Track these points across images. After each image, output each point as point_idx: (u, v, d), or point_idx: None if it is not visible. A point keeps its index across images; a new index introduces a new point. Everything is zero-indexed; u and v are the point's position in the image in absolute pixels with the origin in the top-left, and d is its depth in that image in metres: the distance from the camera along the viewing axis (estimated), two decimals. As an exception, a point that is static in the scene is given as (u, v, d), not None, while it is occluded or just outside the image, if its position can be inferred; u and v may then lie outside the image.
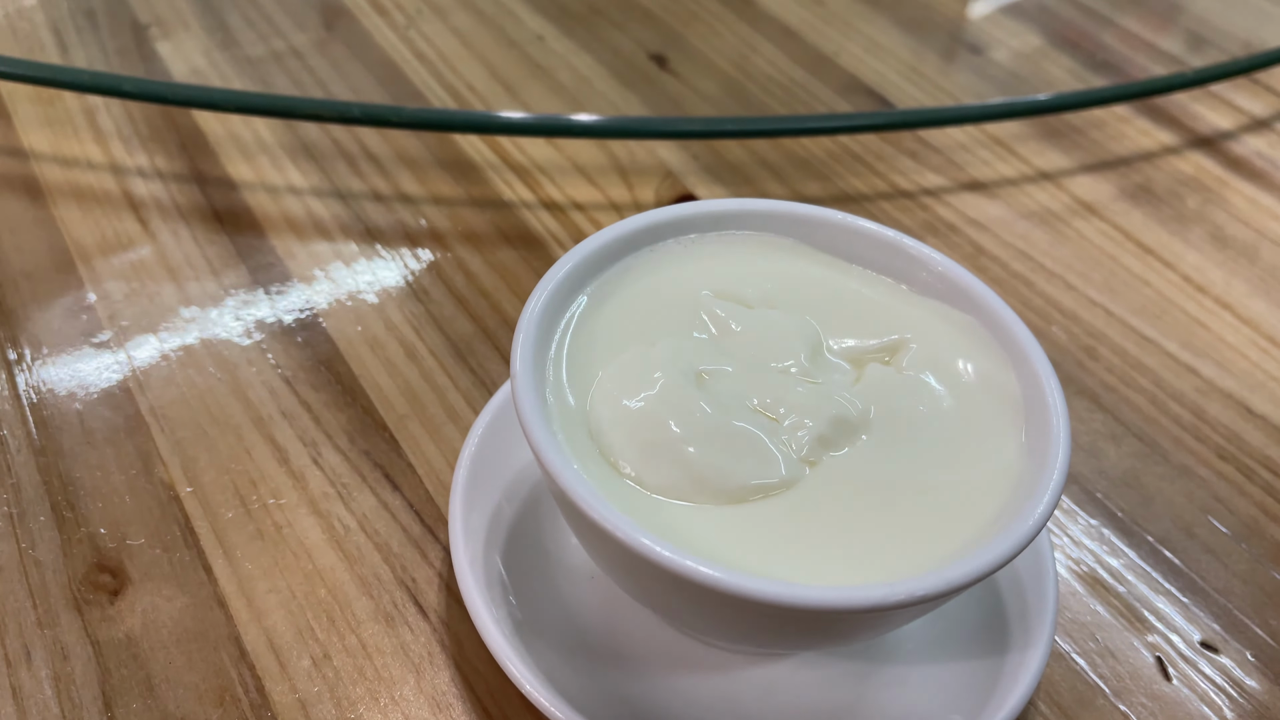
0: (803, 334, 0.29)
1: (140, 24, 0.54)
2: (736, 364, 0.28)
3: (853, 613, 0.23)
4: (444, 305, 0.41)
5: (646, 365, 0.28)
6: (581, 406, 0.27)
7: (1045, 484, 0.25)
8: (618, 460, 0.26)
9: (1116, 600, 0.33)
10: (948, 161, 0.50)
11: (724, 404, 0.27)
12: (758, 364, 0.28)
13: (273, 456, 0.35)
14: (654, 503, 0.26)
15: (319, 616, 0.31)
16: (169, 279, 0.41)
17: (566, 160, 0.48)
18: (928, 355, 0.29)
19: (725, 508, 0.26)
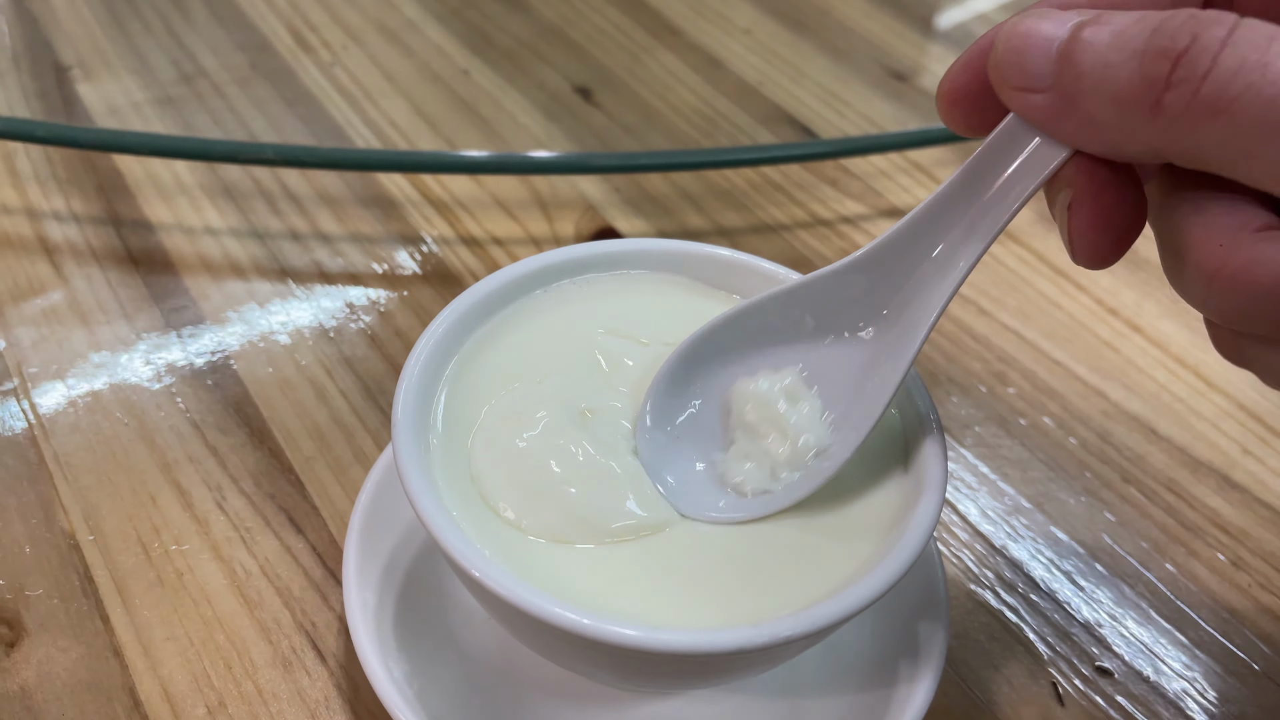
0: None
1: (62, 65, 0.54)
2: (626, 400, 0.29)
3: (719, 655, 0.23)
4: (356, 345, 0.41)
5: (529, 404, 0.28)
6: (464, 452, 0.27)
7: (916, 524, 0.25)
8: (498, 503, 0.26)
9: (1014, 627, 0.34)
10: (867, 189, 0.51)
11: (606, 443, 0.27)
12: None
13: (177, 502, 0.35)
14: (530, 545, 0.26)
15: (216, 663, 0.31)
16: (80, 324, 0.41)
17: (487, 195, 0.48)
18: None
19: (602, 549, 0.26)
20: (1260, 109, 0.18)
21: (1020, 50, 0.21)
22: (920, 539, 0.25)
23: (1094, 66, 0.20)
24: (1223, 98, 0.18)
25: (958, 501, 0.37)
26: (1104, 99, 0.20)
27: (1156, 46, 0.19)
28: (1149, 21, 0.20)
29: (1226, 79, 0.18)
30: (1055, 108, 0.21)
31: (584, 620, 0.23)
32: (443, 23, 0.59)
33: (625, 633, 0.23)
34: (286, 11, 0.59)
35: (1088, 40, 0.20)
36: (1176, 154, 0.20)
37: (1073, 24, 0.21)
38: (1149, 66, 0.19)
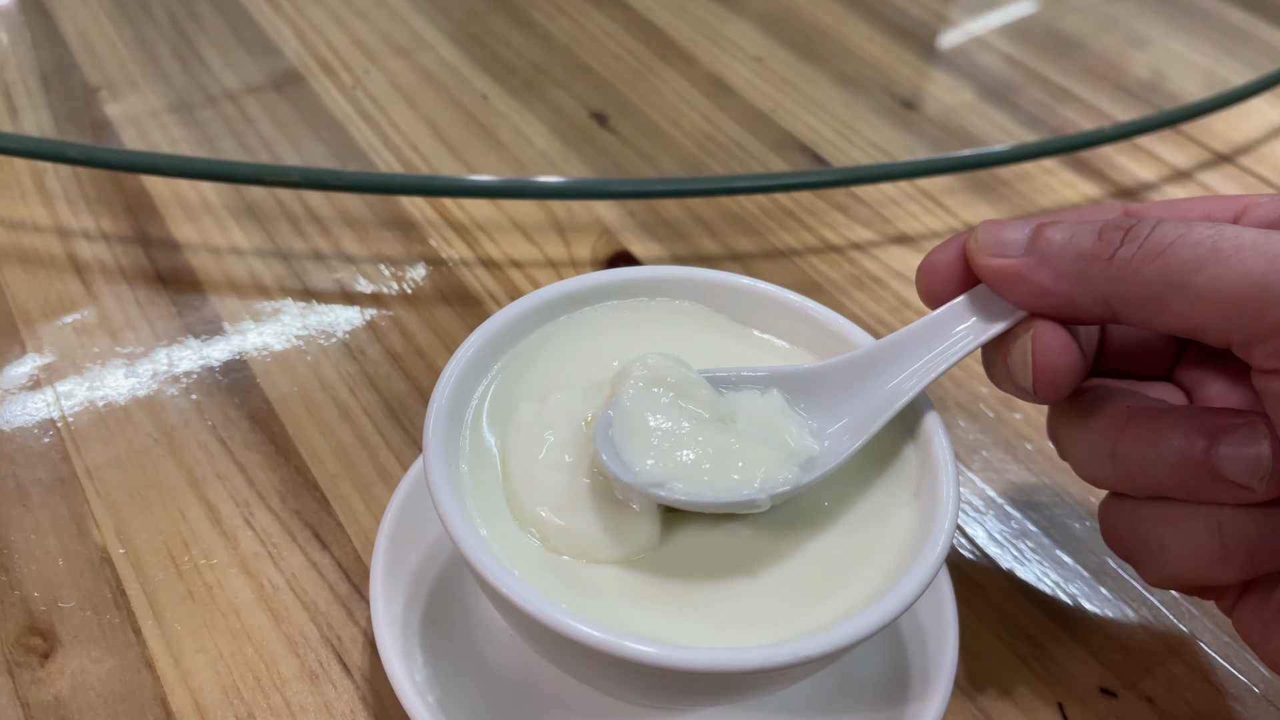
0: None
1: (90, 86, 0.55)
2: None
3: (738, 674, 0.24)
4: (379, 364, 0.42)
5: (539, 424, 0.29)
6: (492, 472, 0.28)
7: (931, 547, 0.26)
8: (528, 524, 0.27)
9: (1020, 647, 0.34)
10: (876, 215, 0.52)
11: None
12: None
13: (206, 517, 0.36)
14: (556, 563, 0.27)
15: (245, 676, 0.32)
16: (110, 341, 0.42)
17: (505, 218, 0.49)
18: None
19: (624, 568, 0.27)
20: (1187, 248, 0.24)
21: (997, 232, 0.28)
22: (935, 561, 0.26)
23: (1063, 237, 0.27)
24: (1161, 244, 0.25)
25: (965, 524, 0.38)
26: (1070, 256, 0.26)
27: (1111, 225, 0.26)
28: (1097, 220, 0.27)
29: (1163, 234, 0.25)
30: (1024, 268, 0.27)
31: (607, 637, 0.24)
32: (462, 48, 0.61)
33: (647, 650, 0.24)
34: (310, 36, 0.60)
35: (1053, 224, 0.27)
36: (1122, 297, 0.26)
37: (1035, 224, 0.28)
38: (1107, 234, 0.26)
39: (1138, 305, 0.25)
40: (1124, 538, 0.29)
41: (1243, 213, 0.29)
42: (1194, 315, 0.25)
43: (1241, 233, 0.24)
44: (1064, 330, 0.27)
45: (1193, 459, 0.26)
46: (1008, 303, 0.28)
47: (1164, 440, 0.26)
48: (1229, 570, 0.27)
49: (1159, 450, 0.26)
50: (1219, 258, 0.24)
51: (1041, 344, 0.27)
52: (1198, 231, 0.24)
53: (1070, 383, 0.28)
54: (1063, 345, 0.27)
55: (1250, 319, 0.24)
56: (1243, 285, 0.24)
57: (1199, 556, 0.27)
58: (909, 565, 0.26)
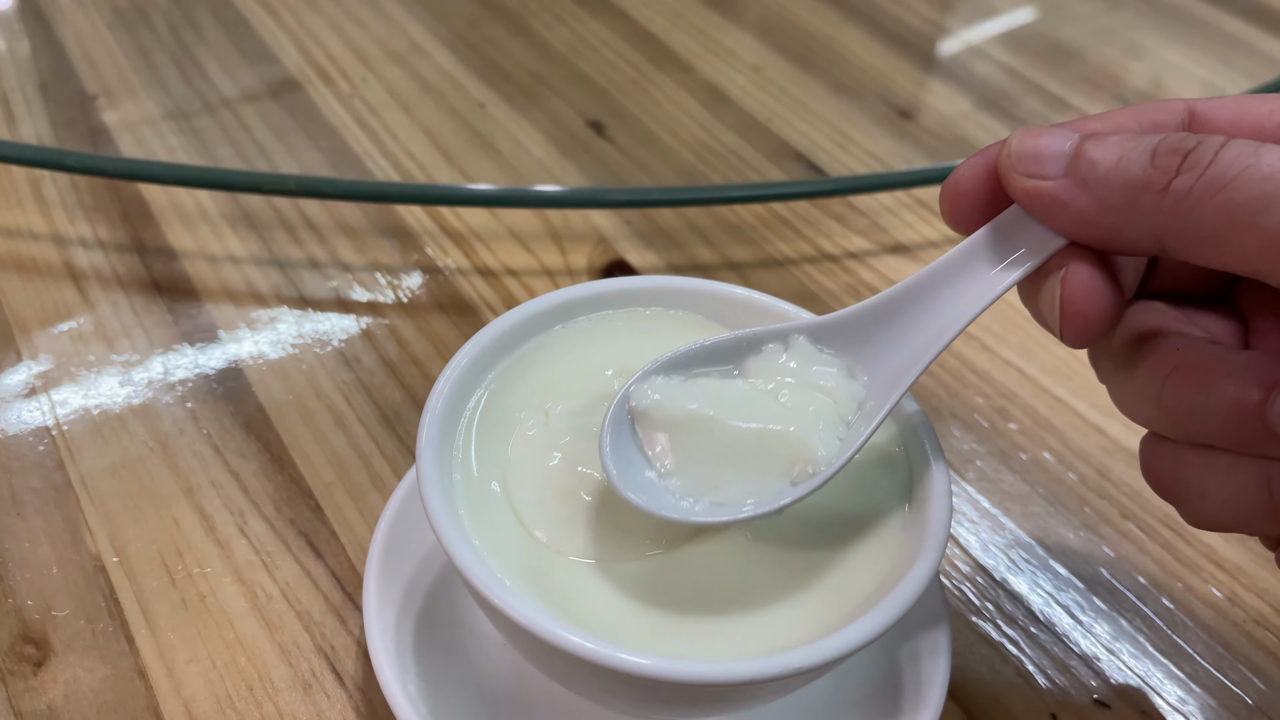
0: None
1: (88, 94, 0.55)
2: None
3: (731, 685, 0.24)
4: (375, 373, 0.42)
5: (551, 432, 0.29)
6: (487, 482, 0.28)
7: (924, 558, 0.26)
8: (532, 528, 0.28)
9: (1014, 659, 0.34)
10: (873, 225, 0.52)
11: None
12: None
13: (200, 525, 0.36)
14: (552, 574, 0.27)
15: (237, 685, 0.32)
16: (105, 348, 0.42)
17: (502, 227, 0.49)
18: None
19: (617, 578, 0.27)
20: (1255, 183, 0.21)
21: (1035, 145, 0.24)
22: (928, 572, 0.26)
23: (1108, 158, 0.23)
24: (1224, 176, 0.22)
25: (959, 534, 0.38)
26: (1117, 184, 0.23)
27: (1168, 145, 0.23)
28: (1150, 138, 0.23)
29: (1228, 163, 0.22)
30: (1065, 193, 0.24)
31: (599, 649, 0.24)
32: (459, 57, 0.61)
33: (639, 662, 0.24)
34: (308, 44, 0.60)
35: (1096, 143, 0.24)
36: (1176, 233, 0.23)
37: (1078, 136, 0.24)
38: (1161, 159, 0.23)
39: (1194, 243, 0.23)
40: (1164, 479, 0.27)
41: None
42: (1258, 258, 0.22)
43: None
44: (1100, 270, 0.25)
45: (1244, 411, 0.23)
46: (1044, 228, 0.25)
47: (1214, 389, 0.24)
48: (1276, 524, 0.25)
49: (1208, 399, 0.24)
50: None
51: (1071, 288, 0.24)
52: (1268, 161, 0.21)
53: (1103, 329, 0.25)
54: (1096, 289, 0.24)
55: None
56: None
57: (1245, 508, 0.25)
58: (901, 576, 0.26)
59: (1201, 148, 0.22)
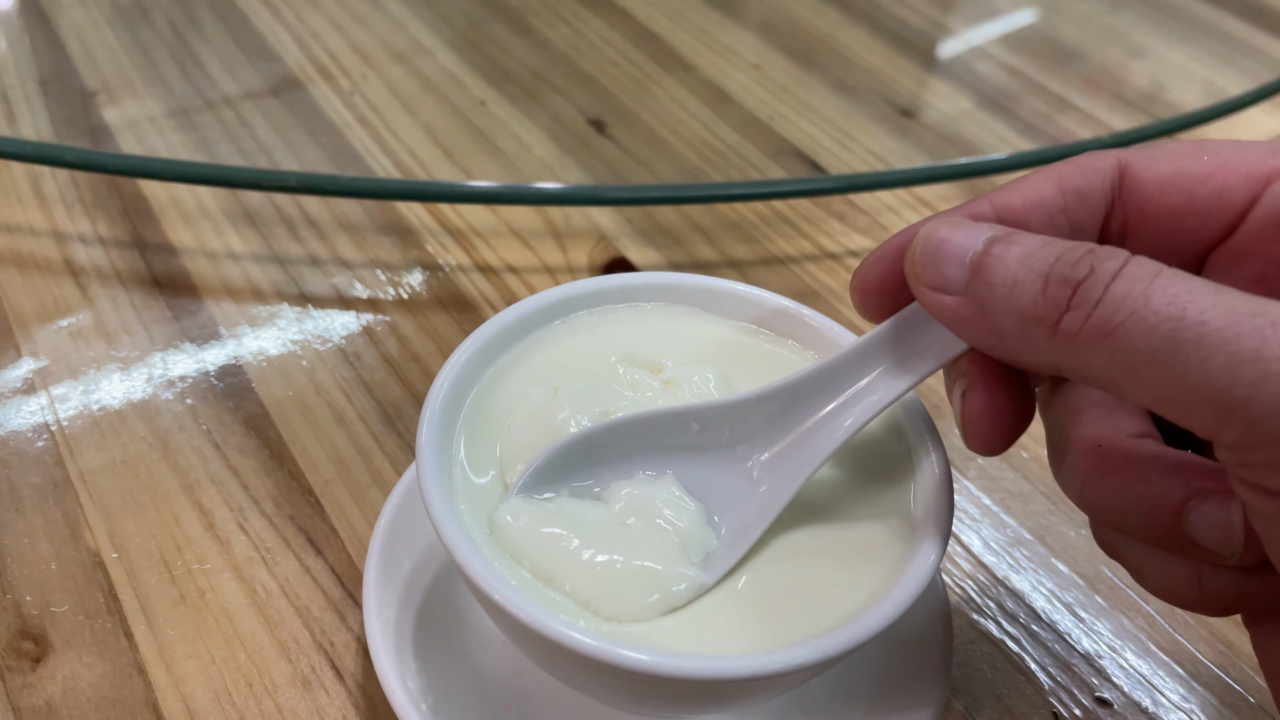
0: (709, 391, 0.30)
1: (89, 91, 0.55)
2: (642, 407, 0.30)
3: (731, 682, 0.24)
4: (375, 370, 0.42)
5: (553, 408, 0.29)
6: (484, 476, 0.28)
7: (924, 555, 0.26)
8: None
9: (1015, 656, 0.34)
10: (874, 223, 0.52)
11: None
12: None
13: (199, 521, 0.36)
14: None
15: (237, 682, 0.32)
16: (105, 345, 0.42)
17: (503, 224, 0.49)
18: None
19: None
20: (1140, 335, 0.20)
21: (936, 254, 0.23)
22: (929, 569, 0.26)
23: (1003, 282, 0.22)
24: (1110, 323, 0.20)
25: (961, 532, 0.38)
26: (1011, 313, 0.22)
27: (1059, 274, 0.21)
28: (1054, 248, 0.22)
29: (1114, 306, 0.20)
30: (966, 311, 0.23)
31: (600, 645, 0.24)
32: (460, 54, 0.61)
33: (640, 658, 0.24)
34: (308, 41, 0.60)
35: (998, 256, 0.22)
36: (1071, 371, 0.22)
37: (985, 238, 0.23)
38: (1052, 290, 0.21)
39: (1090, 380, 0.22)
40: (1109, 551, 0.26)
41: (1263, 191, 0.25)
42: (1152, 404, 0.21)
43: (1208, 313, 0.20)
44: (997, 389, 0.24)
45: (1162, 517, 0.23)
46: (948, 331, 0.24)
47: (1133, 492, 0.24)
48: (1210, 612, 0.25)
49: (1126, 501, 0.24)
50: (1176, 352, 0.20)
51: (969, 410, 0.24)
52: (1156, 306, 0.20)
53: (1006, 443, 0.25)
54: (994, 411, 0.24)
55: (1210, 426, 0.20)
56: (1200, 391, 0.20)
57: (1177, 596, 0.25)
58: (903, 573, 0.26)
59: (1092, 279, 0.21)
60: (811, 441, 0.27)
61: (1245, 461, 0.20)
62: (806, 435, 0.28)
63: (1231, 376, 0.19)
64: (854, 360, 0.27)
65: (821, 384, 0.27)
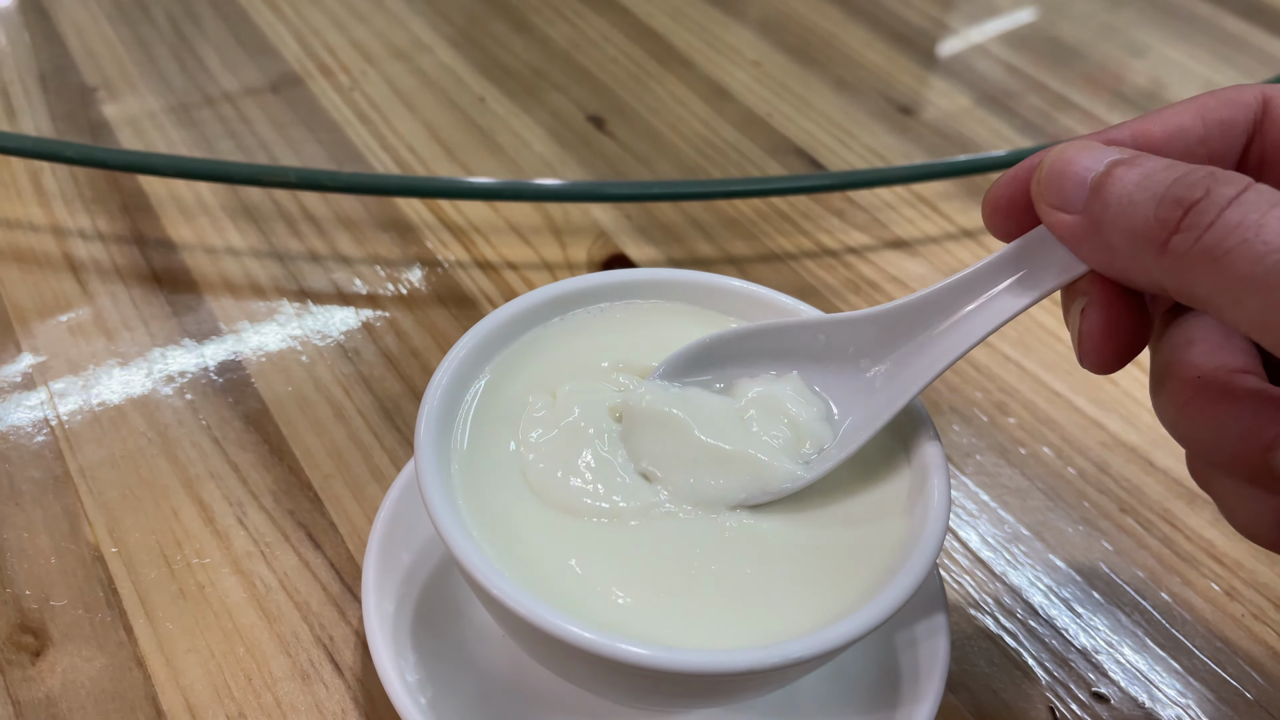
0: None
1: (88, 87, 0.55)
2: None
3: (729, 676, 0.24)
4: (374, 365, 0.42)
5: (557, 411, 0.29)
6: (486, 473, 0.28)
7: (922, 550, 0.26)
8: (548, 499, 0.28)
9: (1013, 652, 0.34)
10: (873, 220, 0.52)
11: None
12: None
13: (199, 516, 0.36)
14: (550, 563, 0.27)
15: (236, 675, 0.32)
16: (105, 340, 0.42)
17: (502, 220, 0.49)
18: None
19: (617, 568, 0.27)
20: (1248, 263, 0.20)
21: (1060, 174, 0.24)
22: (926, 564, 0.26)
23: (1119, 201, 0.23)
24: (1219, 247, 0.21)
25: (959, 528, 0.38)
26: (1122, 231, 0.23)
27: (1174, 194, 0.22)
28: (1174, 170, 0.22)
29: (1225, 232, 0.21)
30: (1081, 230, 0.24)
31: (599, 639, 0.24)
32: (459, 50, 0.61)
33: (638, 652, 0.24)
34: (308, 37, 0.60)
35: (1118, 177, 0.23)
36: (1175, 290, 0.22)
37: (1109, 160, 0.23)
38: (1164, 210, 0.22)
39: (1194, 301, 0.22)
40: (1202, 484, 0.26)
41: None
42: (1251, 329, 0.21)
43: None
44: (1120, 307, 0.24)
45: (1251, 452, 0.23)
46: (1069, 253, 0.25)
47: (1224, 426, 0.24)
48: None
49: (1218, 435, 0.24)
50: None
51: (1089, 324, 0.25)
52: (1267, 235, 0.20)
53: (1120, 364, 0.25)
54: (1112, 329, 0.24)
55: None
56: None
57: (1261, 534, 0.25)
58: (900, 567, 0.26)
59: (1206, 202, 0.21)
60: (932, 352, 0.28)
61: None
62: (926, 345, 0.28)
63: None
64: (978, 278, 0.27)
65: (945, 301, 0.27)
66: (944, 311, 0.28)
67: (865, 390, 0.29)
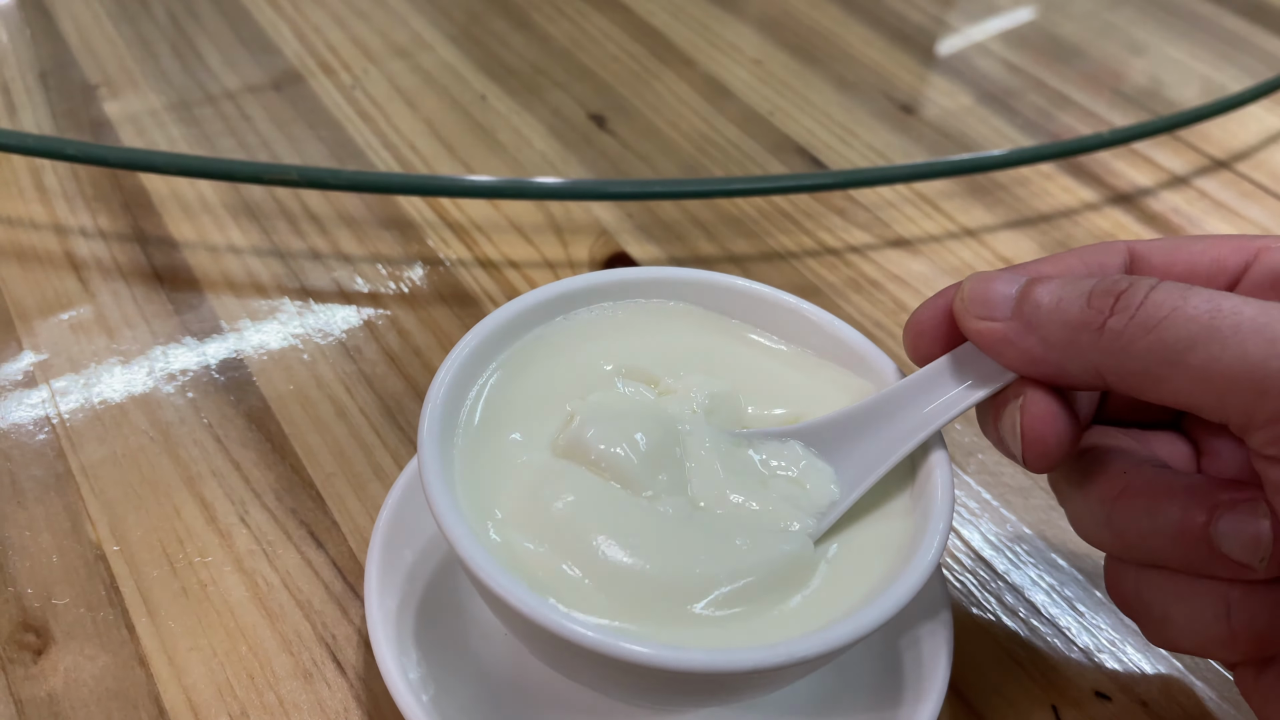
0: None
1: (89, 84, 0.55)
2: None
3: (733, 675, 0.24)
4: (376, 363, 0.42)
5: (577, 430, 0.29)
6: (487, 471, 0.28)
7: (925, 550, 0.26)
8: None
9: (1015, 650, 0.34)
10: (874, 219, 0.52)
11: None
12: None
13: (201, 514, 0.36)
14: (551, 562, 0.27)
15: (238, 674, 0.32)
16: (106, 338, 0.42)
17: (504, 218, 0.49)
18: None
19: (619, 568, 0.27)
20: (1181, 324, 0.23)
21: (984, 291, 0.27)
22: (929, 563, 0.26)
23: (1050, 301, 0.25)
24: (1154, 317, 0.24)
25: (961, 527, 0.38)
26: (1058, 325, 0.25)
27: (1102, 288, 0.25)
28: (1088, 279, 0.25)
29: (1156, 306, 0.24)
30: (1012, 333, 0.26)
31: (602, 638, 0.24)
32: (460, 48, 0.61)
33: (642, 651, 0.24)
34: (309, 35, 0.60)
35: (1041, 285, 0.26)
36: (1113, 369, 0.24)
37: (1025, 279, 0.26)
38: (1097, 300, 0.25)
39: (1131, 378, 0.24)
40: (1127, 600, 0.28)
41: (1255, 258, 0.28)
42: (1189, 393, 0.23)
43: (1241, 308, 0.23)
44: (1056, 398, 0.26)
45: (1190, 533, 0.25)
46: (996, 364, 0.27)
47: (1160, 512, 0.25)
48: (1234, 652, 0.26)
49: (1155, 522, 0.25)
50: (1215, 337, 0.23)
51: (1030, 415, 0.26)
52: (1194, 304, 0.23)
53: (1062, 454, 0.27)
54: (1052, 416, 0.26)
55: (1247, 404, 0.23)
56: (1239, 369, 0.22)
57: (1204, 635, 0.26)
58: (903, 567, 0.26)
59: (1133, 289, 0.24)
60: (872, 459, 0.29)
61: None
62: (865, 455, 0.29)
63: (1268, 352, 0.22)
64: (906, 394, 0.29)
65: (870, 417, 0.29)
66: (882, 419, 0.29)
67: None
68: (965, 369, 0.28)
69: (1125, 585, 0.28)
